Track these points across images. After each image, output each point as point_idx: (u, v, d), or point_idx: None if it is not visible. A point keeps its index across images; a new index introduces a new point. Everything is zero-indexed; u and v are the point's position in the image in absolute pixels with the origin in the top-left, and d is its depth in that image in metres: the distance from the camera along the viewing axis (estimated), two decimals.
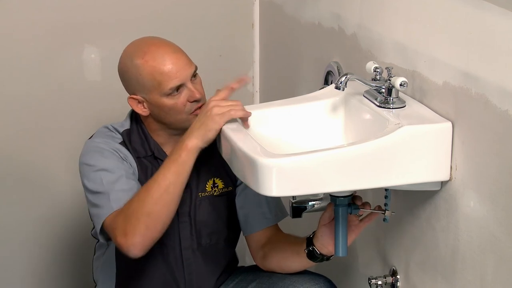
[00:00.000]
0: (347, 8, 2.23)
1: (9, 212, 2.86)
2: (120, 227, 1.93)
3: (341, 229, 1.97)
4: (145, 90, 2.02)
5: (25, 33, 2.73)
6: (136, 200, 1.94)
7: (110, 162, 2.04)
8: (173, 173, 1.93)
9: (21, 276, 2.94)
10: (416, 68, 1.85)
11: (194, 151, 1.93)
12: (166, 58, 2.01)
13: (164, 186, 1.93)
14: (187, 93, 2.02)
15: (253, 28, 2.99)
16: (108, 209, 1.98)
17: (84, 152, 2.08)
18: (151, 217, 1.92)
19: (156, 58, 2.01)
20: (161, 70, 2.00)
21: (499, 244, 1.60)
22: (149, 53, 2.02)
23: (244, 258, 3.08)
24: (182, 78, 2.01)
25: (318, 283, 2.10)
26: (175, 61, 2.01)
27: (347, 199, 1.93)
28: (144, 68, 2.01)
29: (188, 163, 1.93)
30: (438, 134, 1.73)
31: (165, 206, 1.94)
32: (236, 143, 1.82)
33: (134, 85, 2.04)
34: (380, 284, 2.05)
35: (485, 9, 1.56)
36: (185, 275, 2.16)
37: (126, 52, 2.08)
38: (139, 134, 2.11)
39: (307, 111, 2.00)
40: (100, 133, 2.12)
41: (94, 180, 2.03)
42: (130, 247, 1.93)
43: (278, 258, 2.13)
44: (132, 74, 2.03)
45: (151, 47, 2.04)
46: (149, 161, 2.11)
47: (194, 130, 1.93)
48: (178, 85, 2.01)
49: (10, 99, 2.77)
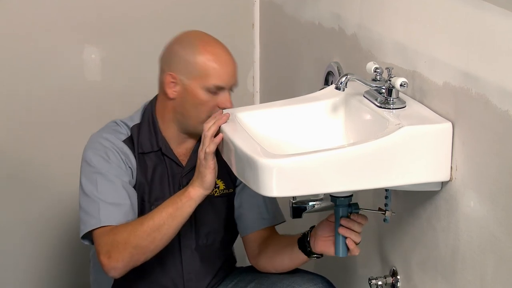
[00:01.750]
0: (347, 8, 2.23)
1: (8, 211, 2.86)
2: (105, 248, 1.99)
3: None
4: (189, 75, 2.04)
5: (25, 33, 2.73)
6: (128, 230, 1.99)
7: (110, 167, 2.06)
8: (170, 215, 1.98)
9: (19, 276, 2.94)
10: (416, 68, 1.85)
11: (196, 200, 1.98)
12: (224, 57, 2.06)
13: (158, 225, 1.98)
14: (222, 98, 2.05)
15: (253, 28, 2.99)
16: (96, 221, 2.02)
17: (88, 147, 2.11)
18: (137, 250, 1.98)
19: (217, 52, 2.05)
20: (215, 65, 2.03)
21: (499, 244, 1.60)
22: (211, 45, 2.07)
23: (244, 258, 3.08)
24: (228, 83, 2.05)
25: (317, 283, 2.10)
26: (230, 66, 2.06)
27: (347, 199, 1.93)
28: (202, 54, 2.03)
29: (187, 210, 1.98)
30: (438, 135, 1.73)
31: (153, 243, 1.99)
32: (236, 143, 1.82)
33: (180, 66, 2.05)
34: (380, 284, 2.05)
35: (485, 9, 1.56)
36: (184, 274, 2.16)
37: (186, 37, 2.10)
38: (149, 127, 2.12)
39: (307, 112, 2.00)
40: (106, 127, 2.14)
41: (90, 182, 2.06)
42: (111, 269, 2.00)
43: (270, 255, 2.16)
44: (186, 54, 2.05)
45: (215, 43, 2.09)
46: (152, 158, 2.11)
47: (195, 180, 1.98)
48: (222, 85, 2.04)
49: (10, 99, 2.77)
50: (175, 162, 2.13)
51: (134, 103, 2.18)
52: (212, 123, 1.94)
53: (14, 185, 2.85)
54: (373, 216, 2.12)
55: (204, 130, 1.95)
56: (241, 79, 3.02)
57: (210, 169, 1.95)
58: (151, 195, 2.12)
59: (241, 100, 3.00)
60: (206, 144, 1.94)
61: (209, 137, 1.93)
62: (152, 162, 2.11)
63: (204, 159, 1.94)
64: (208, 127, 1.94)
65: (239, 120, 1.95)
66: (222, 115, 1.95)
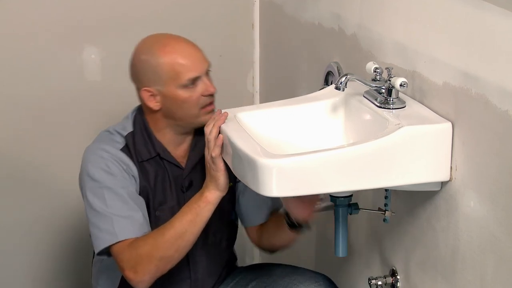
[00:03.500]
0: (347, 8, 2.23)
1: (8, 211, 2.86)
2: (130, 263, 2.00)
3: (341, 229, 1.97)
4: (162, 82, 2.04)
5: (25, 33, 2.73)
6: (150, 243, 2.00)
7: (115, 179, 2.05)
8: (190, 222, 1.99)
9: (19, 275, 2.94)
10: (416, 68, 1.85)
11: (214, 203, 2.00)
12: (185, 50, 2.06)
13: (180, 233, 1.99)
14: (202, 87, 2.05)
15: (253, 28, 2.99)
16: (112, 237, 2.02)
17: (87, 160, 2.08)
18: (162, 261, 2.00)
19: (176, 50, 2.05)
20: (181, 61, 2.03)
21: (499, 244, 1.60)
22: (169, 45, 2.06)
23: (244, 258, 3.08)
24: (199, 71, 2.04)
25: (318, 281, 2.11)
26: (194, 54, 2.06)
27: (347, 199, 1.93)
28: (164, 59, 2.03)
29: (206, 214, 2.00)
30: (438, 135, 1.73)
31: (178, 252, 2.01)
32: (236, 143, 1.82)
33: (150, 77, 2.05)
34: (380, 284, 2.05)
35: (485, 9, 1.56)
36: (191, 274, 2.16)
37: (144, 45, 2.10)
38: (143, 135, 2.11)
39: (307, 112, 2.00)
40: (101, 138, 2.12)
41: (98, 197, 2.04)
42: (139, 283, 2.01)
43: (268, 235, 2.22)
44: (150, 65, 2.05)
45: (171, 40, 2.08)
46: (151, 164, 2.11)
47: (208, 184, 2.00)
48: (195, 76, 2.03)
49: (10, 99, 2.77)
50: (175, 165, 2.12)
51: (134, 103, 2.18)
52: (212, 125, 1.94)
53: (14, 185, 2.85)
54: (373, 216, 2.12)
55: (206, 134, 1.95)
56: (241, 79, 3.04)
57: (221, 171, 1.96)
58: (155, 200, 2.11)
59: (241, 100, 3.01)
60: (211, 147, 1.94)
61: (213, 140, 1.94)
62: (152, 168, 2.11)
63: (213, 163, 1.95)
64: (209, 130, 1.95)
65: (239, 120, 1.95)
66: (221, 115, 1.95)
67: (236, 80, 3.01)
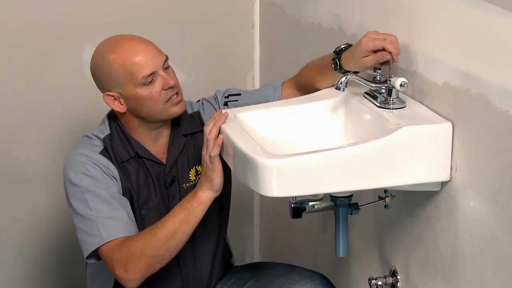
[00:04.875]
0: (347, 8, 2.23)
1: (7, 211, 2.86)
2: (120, 262, 1.99)
3: (341, 229, 1.98)
4: (119, 84, 2.04)
5: (25, 33, 2.73)
6: (141, 241, 1.99)
7: (96, 181, 2.05)
8: (183, 222, 1.98)
9: (18, 275, 2.94)
10: (416, 68, 1.85)
11: (207, 203, 1.99)
12: (135, 48, 2.04)
13: (172, 233, 1.98)
14: (161, 81, 2.04)
15: (253, 28, 2.99)
16: (99, 239, 2.01)
17: (68, 167, 2.09)
18: (153, 259, 1.99)
19: (125, 50, 2.04)
20: (132, 60, 2.02)
21: (499, 244, 1.60)
22: (118, 47, 2.05)
23: (244, 257, 3.08)
24: (153, 66, 2.03)
25: (314, 280, 2.11)
26: (144, 50, 2.04)
27: (347, 199, 1.93)
28: (115, 61, 2.03)
29: (199, 214, 1.99)
30: (438, 135, 1.73)
31: (169, 251, 2.00)
32: (236, 143, 1.82)
33: (108, 82, 2.06)
34: (380, 284, 2.05)
35: (485, 9, 1.56)
36: (181, 269, 2.16)
37: (96, 51, 2.10)
38: (120, 136, 2.12)
39: (307, 112, 2.00)
40: (80, 143, 2.13)
41: (80, 202, 2.04)
42: (128, 282, 2.00)
43: (306, 76, 2.13)
44: (105, 70, 2.05)
45: (120, 41, 2.07)
46: (132, 164, 2.11)
47: (203, 184, 1.98)
48: (150, 73, 2.02)
49: (10, 99, 2.77)
50: (155, 162, 2.12)
51: None
52: (212, 125, 1.94)
53: (14, 185, 2.85)
54: (373, 216, 2.12)
55: (205, 134, 1.95)
56: (241, 79, 3.04)
57: (218, 172, 1.95)
58: (139, 200, 2.11)
59: None
60: (210, 147, 1.94)
61: (212, 140, 1.93)
62: (133, 167, 2.11)
63: (211, 163, 1.94)
64: (209, 130, 1.94)
65: (239, 120, 1.95)
66: (221, 116, 1.95)
67: (236, 80, 3.01)
